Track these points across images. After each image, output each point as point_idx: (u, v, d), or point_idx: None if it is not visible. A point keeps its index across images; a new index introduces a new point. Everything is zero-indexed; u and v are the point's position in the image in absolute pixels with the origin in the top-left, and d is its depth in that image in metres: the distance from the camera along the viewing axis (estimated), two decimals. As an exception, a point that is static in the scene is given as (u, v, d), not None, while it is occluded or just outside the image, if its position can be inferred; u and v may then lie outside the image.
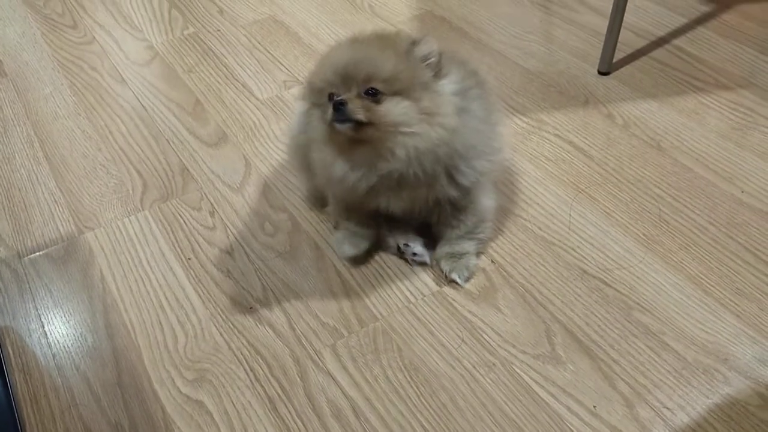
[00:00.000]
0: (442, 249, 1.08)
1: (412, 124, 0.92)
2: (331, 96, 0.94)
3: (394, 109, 0.92)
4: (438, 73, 0.94)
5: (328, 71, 0.95)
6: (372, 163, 0.95)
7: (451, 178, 0.99)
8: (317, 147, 1.00)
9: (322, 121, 0.96)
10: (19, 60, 1.67)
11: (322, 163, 1.00)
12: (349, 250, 1.10)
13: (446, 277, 1.06)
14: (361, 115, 0.91)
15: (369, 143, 0.93)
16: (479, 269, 1.08)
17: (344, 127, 0.92)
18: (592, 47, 1.55)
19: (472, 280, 1.07)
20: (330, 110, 0.92)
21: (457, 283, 1.05)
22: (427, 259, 1.09)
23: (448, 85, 0.95)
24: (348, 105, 0.91)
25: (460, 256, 1.07)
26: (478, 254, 1.09)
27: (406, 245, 1.09)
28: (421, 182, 0.97)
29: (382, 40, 0.96)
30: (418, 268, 1.09)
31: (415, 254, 1.09)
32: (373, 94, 0.92)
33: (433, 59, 0.93)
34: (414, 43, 0.94)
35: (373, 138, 0.92)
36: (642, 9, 1.67)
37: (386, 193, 0.99)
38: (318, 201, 1.20)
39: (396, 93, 0.92)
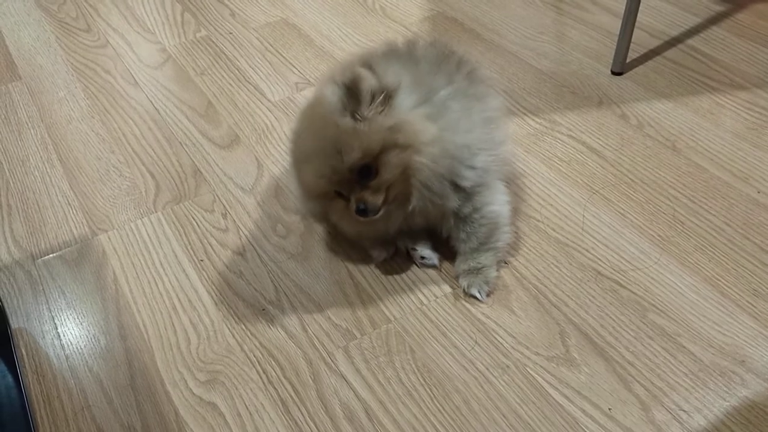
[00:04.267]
0: (460, 265, 1.05)
1: (409, 164, 0.92)
2: (337, 194, 0.96)
3: (389, 168, 0.92)
4: (387, 96, 0.91)
5: (316, 188, 0.96)
6: (399, 210, 0.98)
7: (455, 186, 0.98)
8: (348, 227, 1.03)
9: (346, 211, 0.97)
10: (33, 63, 1.68)
11: (359, 233, 1.05)
12: (380, 255, 1.10)
13: (465, 292, 1.04)
14: (380, 200, 0.93)
15: (392, 203, 0.96)
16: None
17: (378, 216, 0.94)
18: (605, 47, 1.54)
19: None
20: (355, 214, 0.94)
21: (477, 298, 1.03)
22: (435, 261, 1.08)
23: (403, 101, 0.93)
24: (368, 204, 0.92)
25: (478, 270, 1.03)
26: (498, 265, 1.06)
27: (414, 249, 1.08)
28: (433, 202, 0.97)
29: (327, 126, 0.91)
30: (430, 270, 1.09)
31: (423, 257, 1.08)
32: (368, 174, 0.92)
33: (380, 96, 0.90)
34: (350, 92, 0.89)
35: (393, 197, 0.95)
36: (655, 9, 1.66)
37: (406, 221, 1.01)
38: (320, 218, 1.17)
39: (379, 153, 0.91)
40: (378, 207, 0.93)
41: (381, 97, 0.90)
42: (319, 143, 0.92)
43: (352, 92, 0.90)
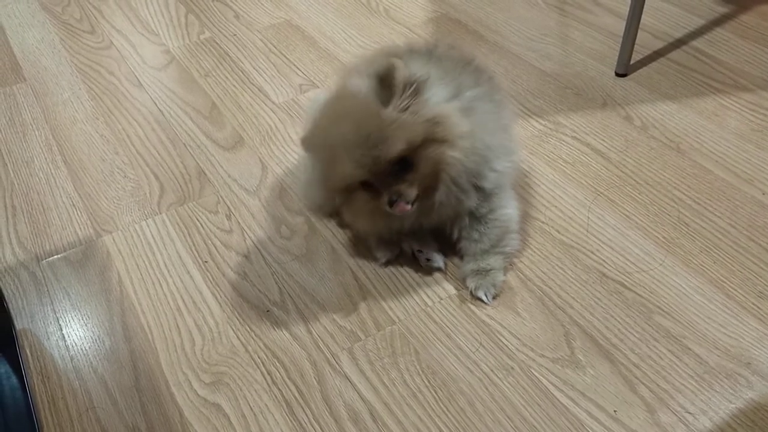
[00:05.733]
0: (468, 265, 1.05)
1: (443, 159, 0.91)
2: (365, 184, 0.93)
3: (426, 163, 0.91)
4: (419, 87, 0.90)
5: (350, 177, 0.92)
6: (420, 206, 0.96)
7: (476, 185, 0.98)
8: (364, 221, 1.01)
9: (369, 203, 0.95)
10: (38, 65, 1.68)
11: (372, 228, 1.03)
12: (384, 255, 1.10)
13: (472, 294, 1.03)
14: (414, 193, 0.91)
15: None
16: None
17: (409, 210, 0.93)
18: (609, 49, 1.54)
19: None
20: (386, 206, 0.92)
21: (483, 301, 1.02)
22: (441, 264, 1.08)
23: (436, 93, 0.92)
24: (402, 197, 0.91)
25: (486, 272, 1.03)
26: (505, 270, 1.06)
27: (420, 251, 1.08)
28: (456, 199, 0.97)
29: (368, 116, 0.89)
30: (434, 272, 1.09)
31: (428, 260, 1.08)
32: (405, 167, 0.91)
33: (412, 85, 0.89)
34: (382, 82, 0.89)
35: (424, 188, 0.94)
36: (659, 10, 1.66)
37: (419, 218, 1.01)
38: (328, 212, 1.18)
39: (418, 147, 0.90)
40: (413, 200, 0.92)
41: (411, 89, 0.89)
42: (361, 133, 0.89)
43: (384, 82, 0.89)
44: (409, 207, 0.92)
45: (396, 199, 0.91)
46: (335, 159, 0.92)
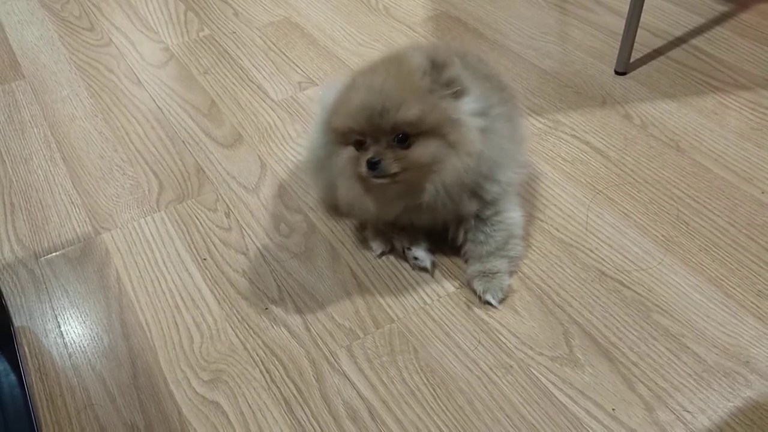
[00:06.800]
0: (474, 267, 1.04)
1: (442, 161, 0.93)
2: (358, 142, 0.95)
3: (424, 152, 0.92)
4: (459, 92, 0.93)
5: (351, 118, 0.94)
6: (401, 198, 0.98)
7: (474, 194, 0.99)
8: (344, 182, 1.01)
9: (351, 164, 0.97)
10: (36, 62, 1.68)
11: (349, 196, 1.01)
12: (380, 247, 1.11)
13: (480, 298, 1.03)
14: (395, 168, 0.92)
15: (400, 182, 0.95)
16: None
17: (380, 182, 0.94)
18: (609, 47, 1.54)
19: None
20: (363, 166, 0.93)
21: (491, 304, 1.02)
22: (428, 264, 1.07)
23: (469, 104, 0.94)
24: (382, 162, 0.92)
25: (492, 275, 1.03)
26: (510, 273, 1.05)
27: (409, 249, 1.08)
28: (444, 204, 0.97)
29: (402, 76, 0.93)
30: (421, 271, 1.08)
31: (416, 258, 1.07)
32: (402, 140, 0.92)
33: (455, 87, 0.92)
34: (435, 67, 0.92)
35: (405, 179, 0.94)
36: (659, 9, 1.66)
37: (409, 214, 1.02)
38: (333, 205, 1.18)
39: (423, 132, 0.92)
40: (388, 172, 0.92)
41: (453, 90, 0.92)
42: (387, 84, 0.92)
43: (435, 68, 0.92)
44: (380, 179, 0.93)
45: (376, 160, 0.91)
46: (351, 98, 0.94)
